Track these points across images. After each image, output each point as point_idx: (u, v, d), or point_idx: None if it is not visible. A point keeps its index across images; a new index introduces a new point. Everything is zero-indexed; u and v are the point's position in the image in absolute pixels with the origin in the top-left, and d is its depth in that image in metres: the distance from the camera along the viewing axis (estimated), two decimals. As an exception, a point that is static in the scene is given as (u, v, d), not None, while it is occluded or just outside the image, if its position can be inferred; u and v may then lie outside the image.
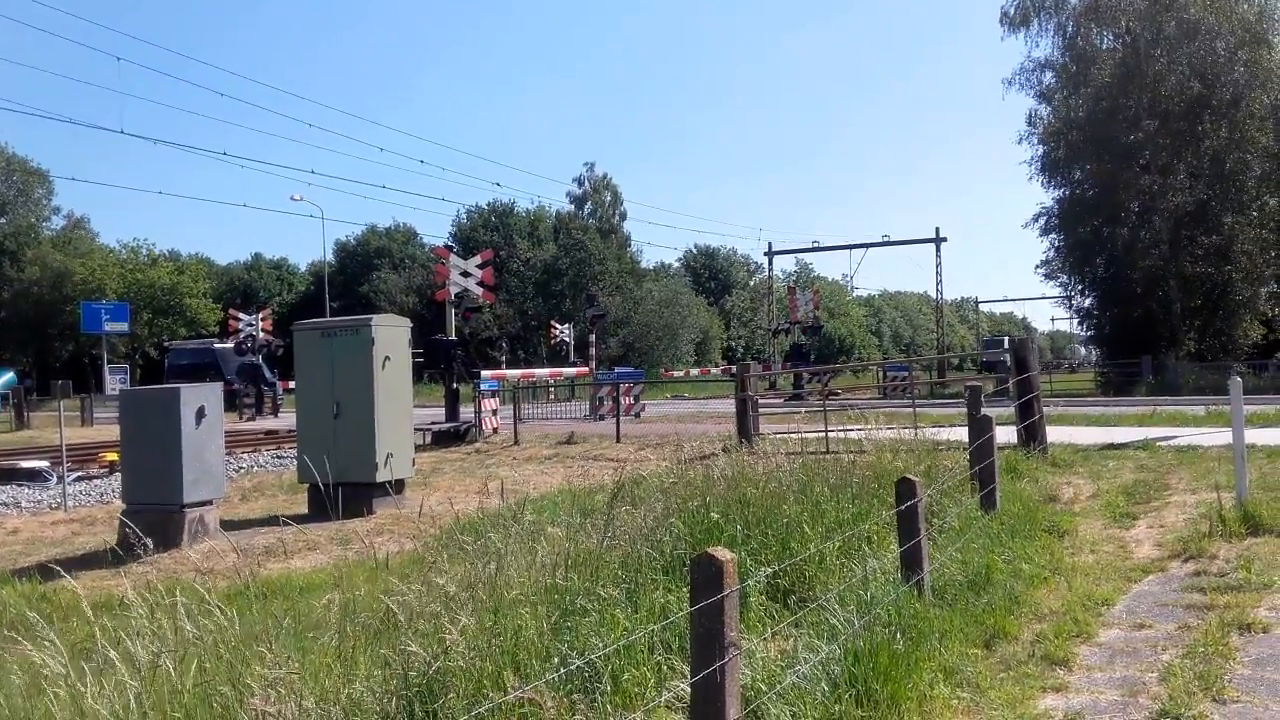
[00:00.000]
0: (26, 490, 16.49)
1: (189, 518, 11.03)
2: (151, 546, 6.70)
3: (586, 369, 38.17)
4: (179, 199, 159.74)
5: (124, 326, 60.28)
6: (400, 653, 4.15)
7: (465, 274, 25.27)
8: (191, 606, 4.13)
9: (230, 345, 43.83)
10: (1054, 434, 14.75)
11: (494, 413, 24.02)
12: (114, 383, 53.75)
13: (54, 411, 25.33)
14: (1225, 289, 39.64)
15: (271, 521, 11.50)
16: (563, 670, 4.41)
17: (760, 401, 19.00)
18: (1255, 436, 13.44)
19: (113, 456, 18.09)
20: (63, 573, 5.88)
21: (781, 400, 35.24)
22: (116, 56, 66.22)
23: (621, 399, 24.49)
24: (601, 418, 25.82)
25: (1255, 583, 7.11)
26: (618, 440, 19.82)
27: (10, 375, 47.87)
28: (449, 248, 31.57)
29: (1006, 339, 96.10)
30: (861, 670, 5.07)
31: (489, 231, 79.44)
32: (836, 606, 5.75)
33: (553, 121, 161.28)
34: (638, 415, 26.84)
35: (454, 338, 24.97)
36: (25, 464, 18.57)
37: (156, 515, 10.59)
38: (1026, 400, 14.01)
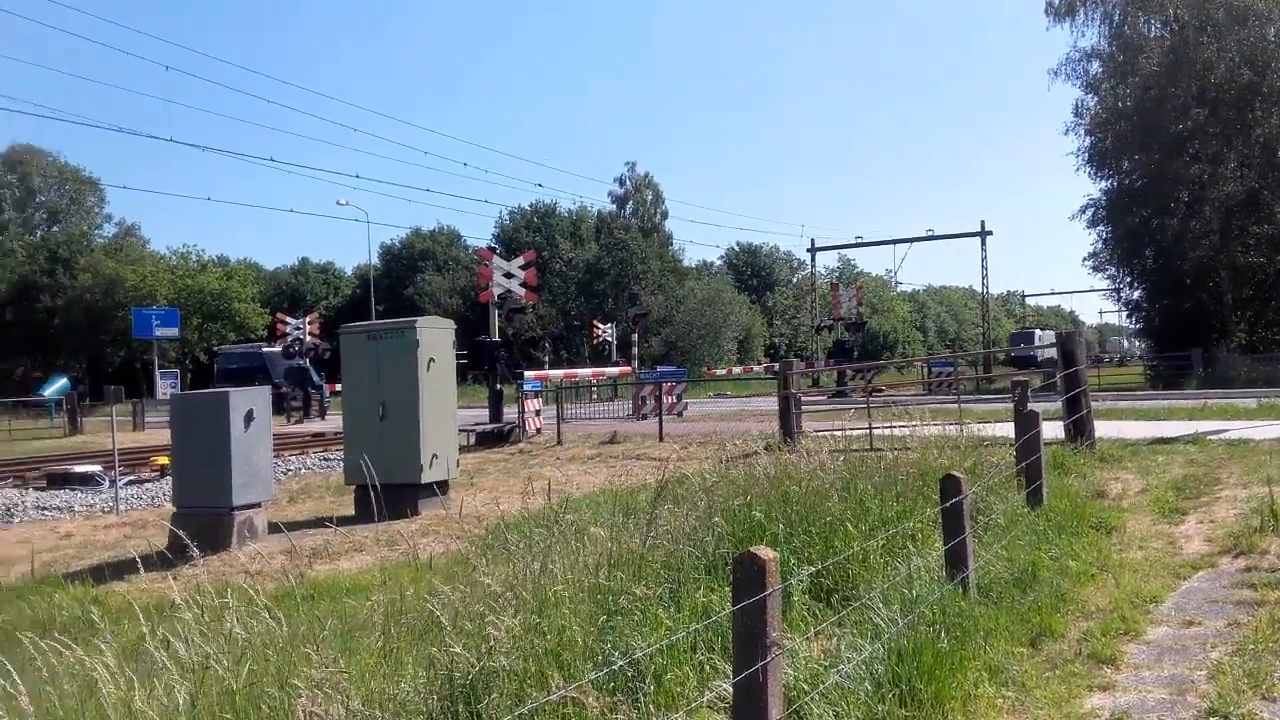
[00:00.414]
0: (80, 494, 16.82)
1: (238, 520, 11.19)
2: (201, 549, 6.80)
3: (629, 368, 38.21)
4: (227, 205, 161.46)
5: (174, 331, 61.20)
6: (445, 653, 4.20)
7: (508, 275, 25.42)
8: (240, 608, 4.19)
9: (278, 349, 44.41)
10: (1102, 429, 14.58)
11: (537, 413, 24.14)
12: (164, 387, 54.60)
13: (106, 417, 25.81)
14: (1278, 279, 38.88)
15: (319, 523, 11.63)
16: (606, 670, 4.43)
17: (803, 399, 18.93)
18: (1309, 429, 13.19)
19: (164, 460, 18.39)
20: (114, 575, 6.00)
21: (825, 397, 35.09)
22: (165, 65, 67.10)
23: (664, 398, 24.52)
24: (644, 417, 25.86)
25: (1308, 579, 7.00)
26: (660, 439, 19.85)
27: (64, 381, 48.77)
28: (492, 249, 31.76)
29: (1039, 331, 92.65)
30: (905, 669, 5.05)
31: (531, 232, 79.74)
32: (880, 605, 5.73)
33: (594, 122, 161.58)
34: (680, 414, 26.84)
35: (497, 339, 25.13)
36: (78, 469, 18.94)
37: (206, 518, 10.76)
38: (1074, 395, 13.85)
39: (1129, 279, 44.52)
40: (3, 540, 12.88)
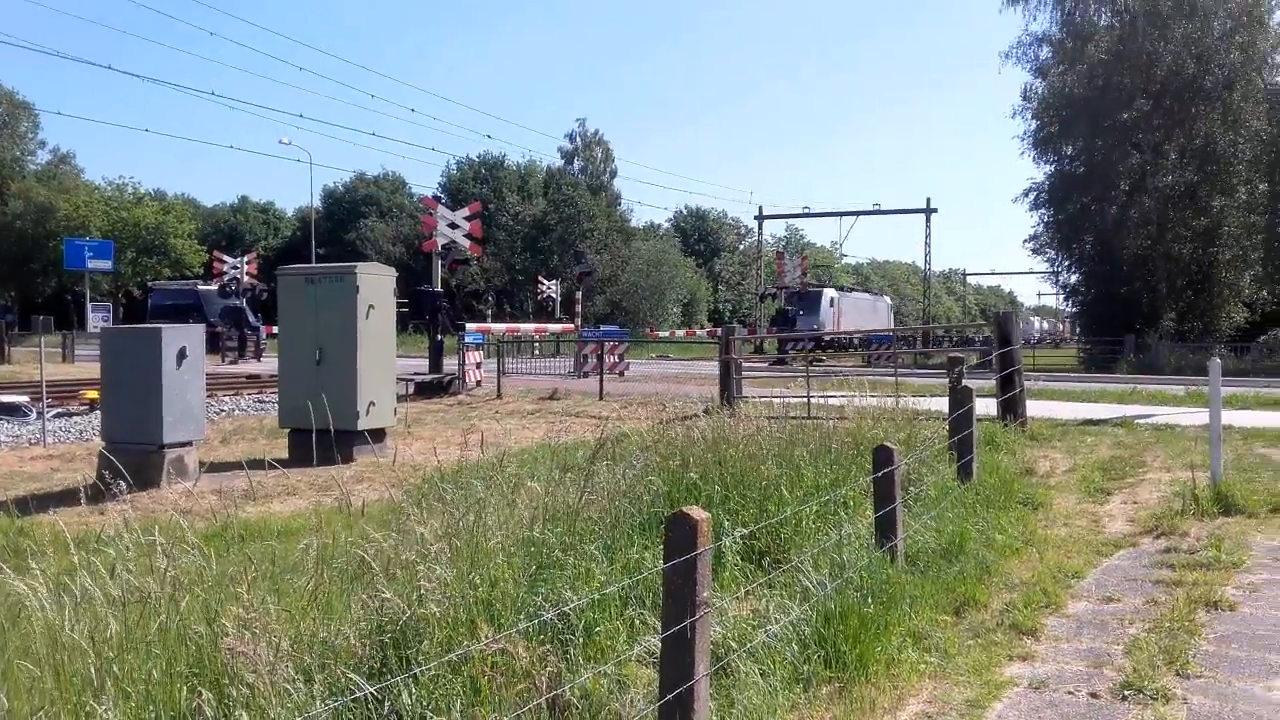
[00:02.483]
0: (6, 425, 16.44)
1: (168, 458, 11.02)
2: (130, 485, 6.69)
3: (572, 326, 38.14)
4: (165, 138, 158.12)
5: (107, 264, 59.86)
6: (375, 598, 4.18)
7: (453, 225, 25.18)
8: (169, 545, 4.14)
9: (214, 288, 43.67)
10: (1034, 408, 14.87)
11: (478, 366, 24.01)
12: (96, 320, 53.47)
13: (34, 347, 25.21)
14: (1210, 271, 39.78)
15: (251, 465, 11.45)
16: (536, 621, 4.45)
17: (744, 365, 19.04)
18: (1232, 418, 13.57)
19: (93, 394, 18.02)
20: (40, 508, 5.87)
21: (766, 365, 35.33)
22: (105, -10, 64.94)
23: (606, 357, 24.51)
24: (585, 375, 25.86)
25: (1224, 561, 7.22)
26: (601, 398, 19.87)
27: (-9, 309, 47.54)
28: (437, 198, 31.50)
29: (834, 292, 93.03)
30: (831, 632, 5.14)
31: (479, 184, 79.07)
32: (810, 569, 5.81)
33: (546, 76, 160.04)
34: (622, 374, 26.88)
35: (440, 289, 24.91)
36: (5, 399, 18.48)
37: (136, 454, 10.57)
38: (1008, 374, 14.10)
39: (1067, 263, 45.30)
40: (-78, 468, 12.57)
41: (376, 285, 13.51)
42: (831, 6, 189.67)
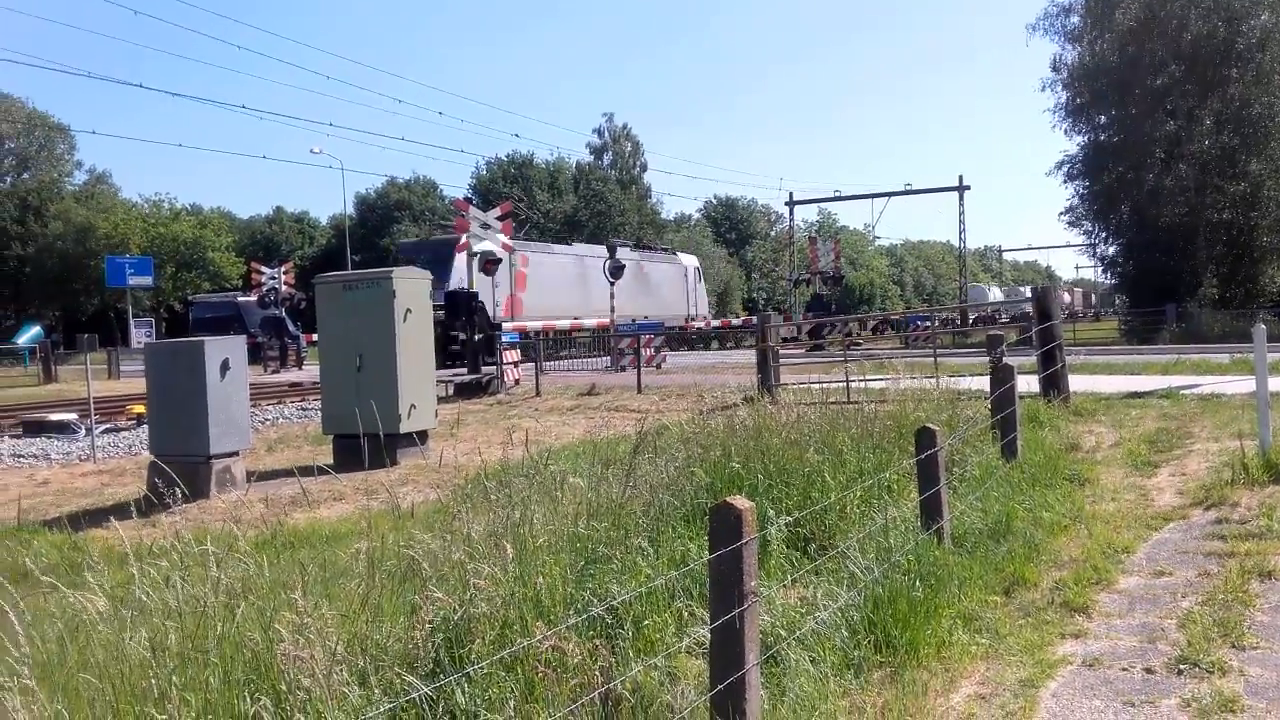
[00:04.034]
0: (56, 442, 16.72)
1: (216, 469, 11.17)
2: (185, 494, 6.80)
3: (607, 321, 38.09)
4: (199, 152, 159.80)
5: (148, 280, 60.54)
6: (427, 599, 4.22)
7: (485, 226, 25.26)
8: (221, 555, 4.20)
9: (253, 298, 44.02)
10: (1076, 383, 14.70)
11: (516, 364, 24.10)
12: (139, 336, 54.14)
13: (80, 365, 25.58)
14: (1251, 236, 39.11)
15: (298, 472, 11.63)
16: (585, 616, 4.48)
17: (781, 352, 18.98)
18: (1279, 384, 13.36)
19: (140, 409, 18.29)
20: (93, 522, 5.98)
21: (803, 351, 35.20)
22: (134, 10, 65.71)
23: (643, 350, 24.52)
24: (622, 369, 25.89)
25: (1276, 530, 7.12)
26: (639, 391, 19.89)
27: (37, 329, 48.35)
28: (468, 199, 31.61)
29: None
30: (880, 617, 5.13)
31: (508, 183, 79.19)
32: (857, 554, 5.80)
33: (571, 71, 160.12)
34: (659, 366, 26.88)
35: (474, 290, 25.03)
36: (54, 417, 18.80)
37: (184, 467, 10.72)
38: (1049, 349, 13.96)
39: (1104, 234, 44.71)
40: (-22, 488, 12.82)
41: (412, 289, 13.61)
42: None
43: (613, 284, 34.12)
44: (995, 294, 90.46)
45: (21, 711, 3.30)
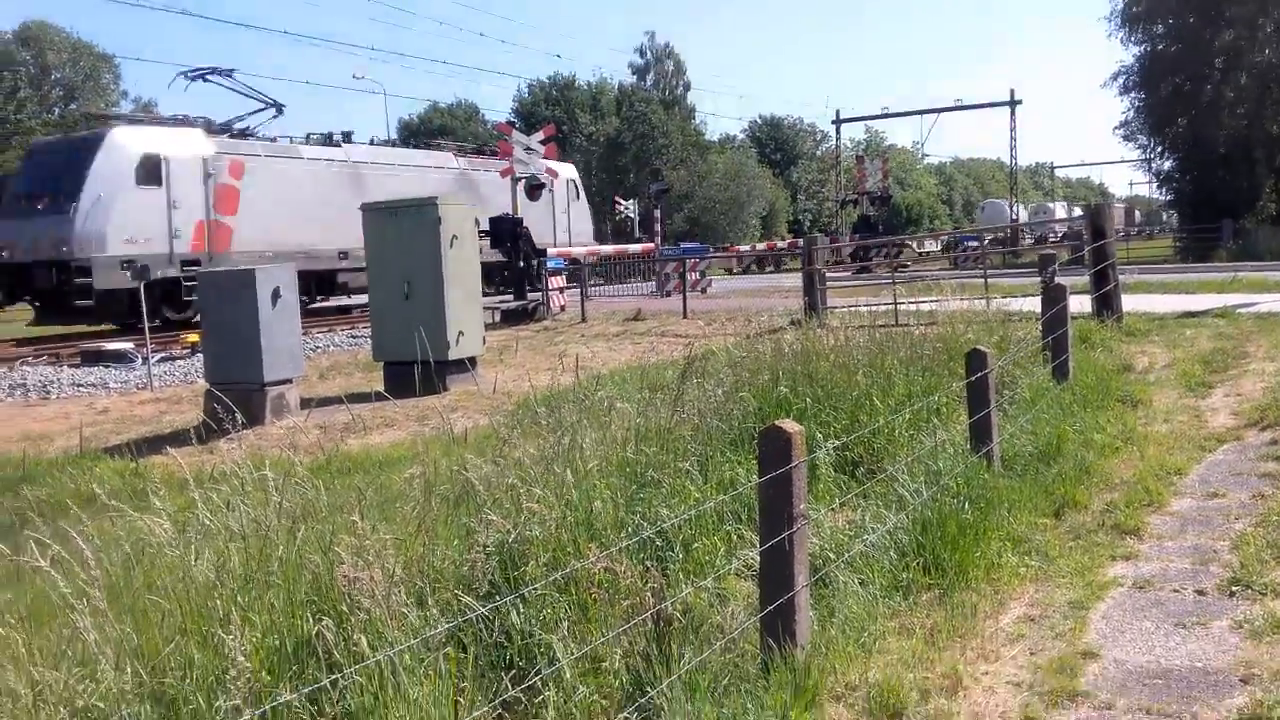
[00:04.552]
0: (114, 371, 17.07)
1: (270, 396, 11.36)
2: (244, 421, 6.93)
3: (652, 245, 37.96)
4: (245, 77, 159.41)
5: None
6: (481, 522, 4.30)
7: (528, 150, 25.14)
8: (280, 480, 4.29)
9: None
10: (1129, 302, 14.48)
11: (561, 290, 24.15)
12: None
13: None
14: (1311, 150, 38.05)
15: (349, 399, 11.81)
16: (636, 539, 4.54)
17: (828, 275, 18.85)
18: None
19: (194, 337, 18.60)
20: (153, 449, 6.11)
21: (850, 274, 34.92)
22: (173, -66, 65.41)
23: (688, 274, 24.45)
24: (668, 294, 25.84)
25: (1334, 451, 7.02)
26: (685, 316, 19.89)
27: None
28: (511, 124, 31.34)
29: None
30: (929, 539, 5.15)
31: (551, 106, 78.55)
32: (905, 477, 5.81)
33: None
34: (704, 291, 26.79)
35: (518, 216, 25.00)
36: (111, 346, 19.17)
37: (239, 394, 10.87)
38: (1101, 269, 13.75)
39: (1160, 149, 43.65)
40: (41, 415, 13.15)
41: (458, 215, 13.63)
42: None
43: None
44: (1020, 212, 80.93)
45: (93, 632, 3.42)
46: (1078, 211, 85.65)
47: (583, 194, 38.38)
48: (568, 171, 36.99)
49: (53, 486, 8.19)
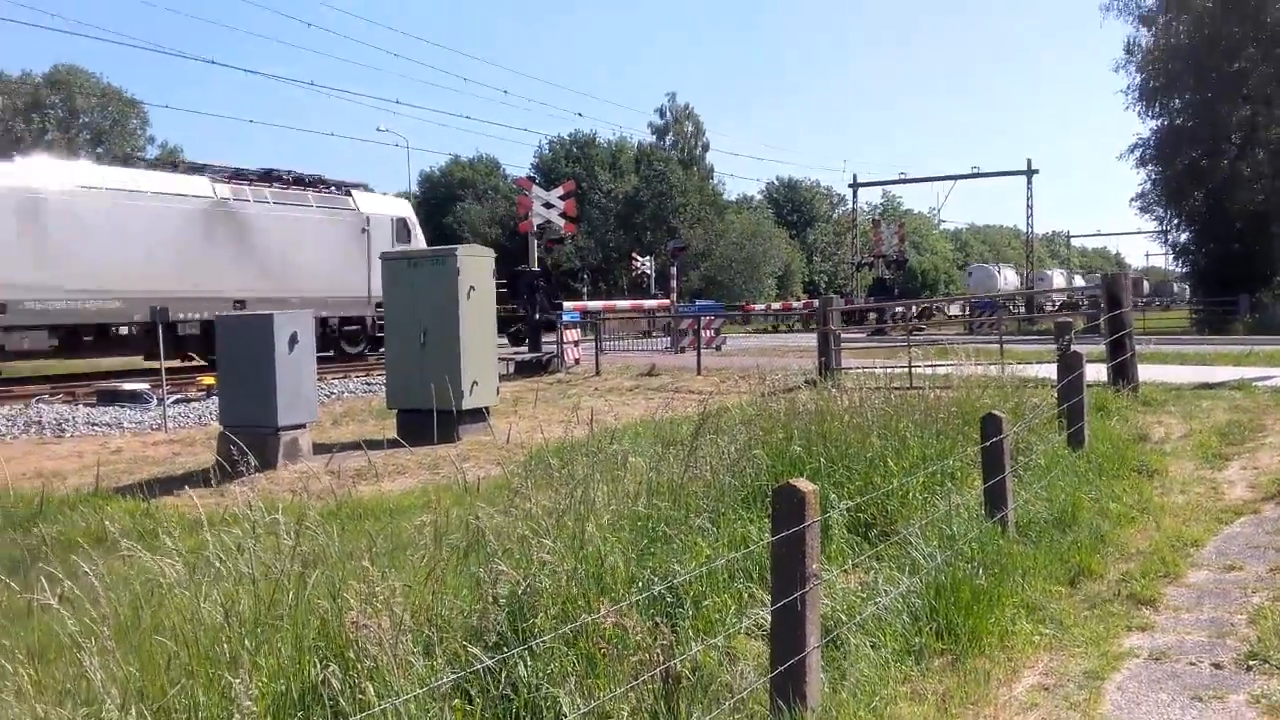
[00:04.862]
0: (129, 411, 17.11)
1: (284, 440, 11.37)
2: (257, 465, 6.93)
3: (667, 301, 38.11)
4: (268, 127, 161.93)
5: (216, 255, 61.59)
6: (491, 572, 4.27)
7: (547, 205, 25.35)
8: (293, 524, 4.28)
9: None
10: (1145, 372, 14.43)
11: (576, 344, 24.20)
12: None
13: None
14: (1329, 225, 38.05)
15: (362, 446, 11.80)
16: (646, 594, 4.50)
17: (843, 336, 18.86)
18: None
19: (209, 380, 18.66)
20: (165, 490, 6.11)
21: (864, 335, 34.94)
22: (205, -14, 66.68)
23: (702, 332, 24.50)
24: (682, 350, 25.89)
25: (1353, 527, 6.95)
26: (699, 373, 19.88)
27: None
28: (531, 179, 31.59)
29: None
30: (943, 604, 5.09)
31: (570, 163, 79.28)
32: (919, 540, 5.76)
33: (635, 51, 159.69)
34: (718, 348, 26.83)
35: (536, 269, 25.15)
36: (127, 386, 19.24)
37: (252, 438, 10.88)
38: (1118, 338, 13.71)
39: (1177, 221, 43.76)
40: (55, 453, 13.18)
41: (476, 267, 13.74)
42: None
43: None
44: (1009, 277, 76.38)
45: (99, 671, 3.40)
46: (1079, 280, 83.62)
47: (418, 236, 29.89)
48: (394, 209, 30.13)
49: (64, 524, 8.18)
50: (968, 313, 43.28)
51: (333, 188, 27.98)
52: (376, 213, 28.33)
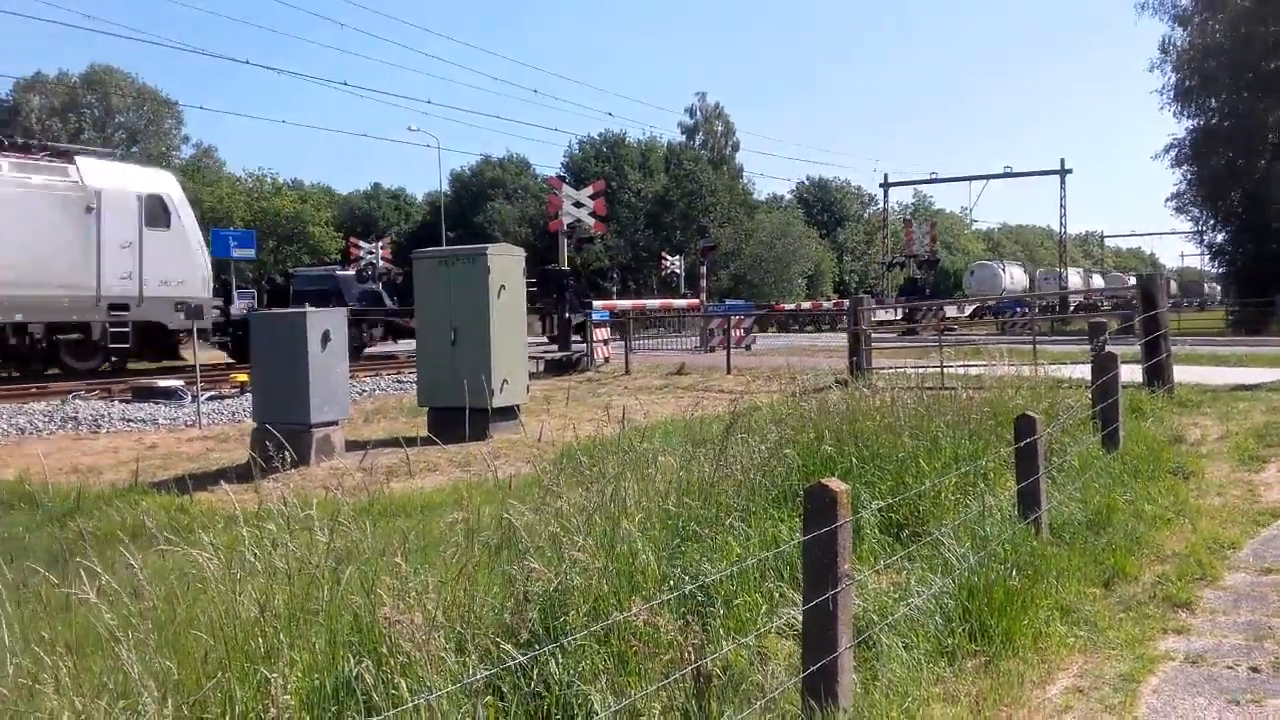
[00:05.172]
0: (163, 408, 17.29)
1: (316, 437, 11.45)
2: (292, 460, 6.99)
3: (697, 301, 38.08)
4: (302, 128, 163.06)
5: (251, 253, 61.55)
6: (523, 569, 4.29)
7: (577, 204, 25.42)
8: (326, 520, 4.32)
9: (352, 273, 44.93)
10: (1181, 373, 14.27)
11: (605, 342, 24.24)
12: (242, 306, 55.60)
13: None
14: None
15: (393, 443, 11.87)
16: (678, 593, 4.50)
17: (874, 335, 18.79)
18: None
19: (243, 377, 18.85)
20: (199, 486, 6.16)
21: (895, 335, 34.77)
22: (239, -13, 67.34)
23: (732, 331, 24.46)
24: (712, 349, 25.86)
25: (1394, 531, 6.84)
26: (728, 372, 19.86)
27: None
28: (561, 178, 31.69)
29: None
30: (976, 605, 5.06)
31: (600, 162, 79.42)
32: (951, 541, 5.72)
33: (665, 49, 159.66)
34: (748, 348, 26.78)
35: (566, 268, 25.20)
36: (162, 383, 19.46)
37: (285, 434, 10.96)
38: (1153, 338, 13.57)
39: (1212, 221, 43.30)
40: (91, 449, 13.33)
41: (507, 265, 13.79)
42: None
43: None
44: (1016, 276, 71.87)
45: (136, 664, 3.43)
46: (1097, 280, 79.85)
47: (188, 219, 25.17)
48: (142, 183, 23.95)
49: (101, 519, 8.27)
50: (980, 316, 42.57)
51: (42, 152, 22.26)
52: (111, 187, 22.34)
